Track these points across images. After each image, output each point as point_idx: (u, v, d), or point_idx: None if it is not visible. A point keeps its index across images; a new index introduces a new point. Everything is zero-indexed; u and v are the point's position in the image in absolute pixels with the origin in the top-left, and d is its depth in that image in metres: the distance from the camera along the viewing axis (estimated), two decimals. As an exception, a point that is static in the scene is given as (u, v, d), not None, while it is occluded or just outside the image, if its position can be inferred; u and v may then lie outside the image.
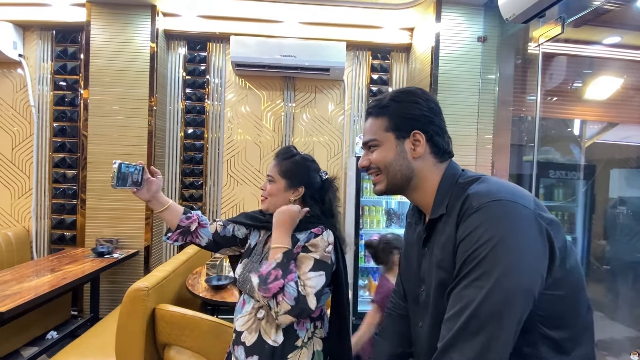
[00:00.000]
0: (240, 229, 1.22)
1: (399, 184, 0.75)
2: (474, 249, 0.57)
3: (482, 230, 0.58)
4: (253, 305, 1.04)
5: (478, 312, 0.55)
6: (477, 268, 0.57)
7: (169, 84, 3.17)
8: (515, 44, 2.76)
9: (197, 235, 1.16)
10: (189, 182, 3.23)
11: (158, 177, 1.12)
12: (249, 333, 1.02)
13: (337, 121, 3.30)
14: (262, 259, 1.10)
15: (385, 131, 0.75)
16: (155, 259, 3.04)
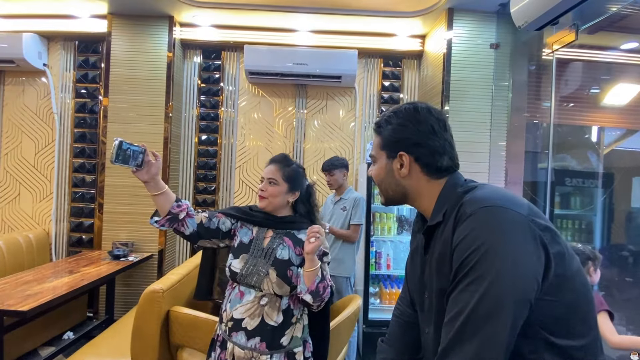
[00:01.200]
0: (225, 222, 1.27)
1: (393, 198, 0.81)
2: (468, 254, 0.60)
3: (474, 235, 0.60)
4: (255, 294, 1.18)
5: (472, 316, 0.57)
6: (471, 272, 0.59)
7: (184, 91, 3.28)
8: (529, 51, 2.76)
9: (183, 224, 1.20)
10: (202, 187, 3.31)
11: (158, 161, 1.15)
12: (251, 319, 1.16)
13: (348, 128, 3.35)
14: (267, 256, 1.21)
15: (380, 149, 0.80)
16: (168, 262, 3.12)
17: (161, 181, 1.17)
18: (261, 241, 1.24)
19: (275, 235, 1.26)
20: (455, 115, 2.71)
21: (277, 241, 1.24)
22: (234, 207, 1.34)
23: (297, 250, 1.24)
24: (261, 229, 1.28)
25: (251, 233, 1.27)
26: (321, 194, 3.30)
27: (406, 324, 0.95)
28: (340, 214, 2.43)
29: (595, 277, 1.61)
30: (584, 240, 2.91)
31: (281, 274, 1.17)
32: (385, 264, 2.76)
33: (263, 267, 1.19)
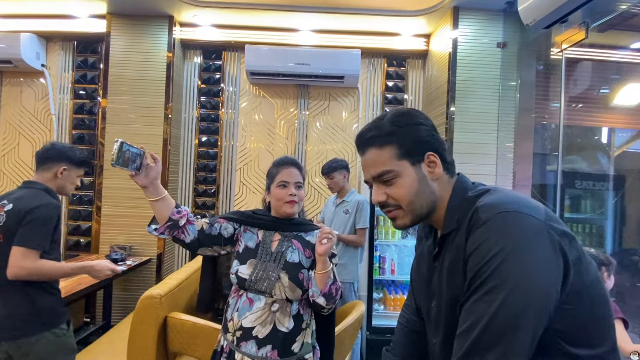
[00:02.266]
0: (227, 227, 1.23)
1: (425, 213, 0.72)
2: (484, 262, 0.57)
3: (491, 243, 0.58)
4: (265, 301, 1.14)
5: (490, 327, 0.55)
6: (487, 281, 0.56)
7: (184, 92, 3.28)
8: (537, 50, 2.74)
9: (184, 231, 1.15)
10: (202, 190, 3.30)
11: (157, 164, 1.11)
12: (262, 326, 1.13)
13: (351, 129, 3.33)
14: (276, 259, 1.19)
15: (399, 159, 0.70)
16: (167, 266, 3.11)
17: (160, 186, 1.13)
18: (269, 245, 1.22)
19: (283, 239, 1.24)
20: (461, 115, 2.69)
21: (286, 244, 1.22)
22: (236, 212, 1.31)
23: (307, 253, 1.22)
24: (267, 232, 1.25)
25: (257, 237, 1.24)
26: (322, 196, 3.28)
27: (412, 333, 0.93)
28: (342, 217, 2.41)
29: (609, 283, 1.58)
30: (595, 245, 2.86)
31: (293, 278, 1.15)
32: (390, 269, 2.73)
33: (274, 271, 1.16)
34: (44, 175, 1.55)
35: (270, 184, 1.28)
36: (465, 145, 2.67)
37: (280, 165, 1.27)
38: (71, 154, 1.58)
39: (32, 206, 1.42)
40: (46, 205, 1.45)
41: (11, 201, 1.46)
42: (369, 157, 0.73)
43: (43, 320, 1.43)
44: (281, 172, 1.25)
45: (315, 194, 3.32)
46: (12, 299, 1.41)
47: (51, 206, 1.46)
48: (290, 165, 1.26)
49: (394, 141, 0.71)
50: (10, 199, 1.47)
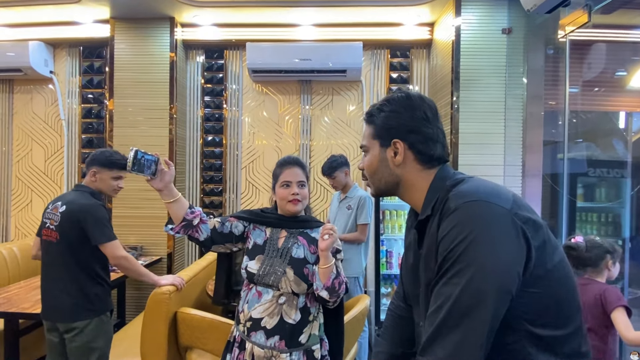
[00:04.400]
0: (237, 226, 1.35)
1: (384, 189, 0.85)
2: (451, 247, 0.64)
3: (457, 229, 0.64)
4: (273, 294, 1.25)
5: (455, 307, 0.61)
6: (454, 265, 0.63)
7: (188, 92, 3.41)
8: (545, 34, 2.72)
9: (197, 230, 1.28)
10: (209, 189, 3.43)
11: (171, 169, 1.25)
12: (270, 317, 1.23)
13: (356, 123, 3.39)
14: (282, 255, 1.30)
15: (372, 138, 0.83)
16: (177, 265, 3.26)
17: (175, 189, 1.27)
18: (276, 241, 1.33)
19: (289, 235, 1.34)
20: (466, 105, 2.71)
21: (292, 240, 1.33)
22: (245, 210, 1.44)
23: (312, 249, 1.32)
24: (275, 229, 1.36)
25: (264, 234, 1.36)
26: (329, 192, 3.36)
27: (400, 318, 1.02)
28: (345, 212, 2.48)
29: (614, 270, 1.60)
30: (611, 234, 2.85)
31: (298, 272, 1.25)
32: (397, 263, 2.79)
33: (280, 266, 1.27)
34: (87, 178, 1.82)
35: (275, 184, 1.39)
36: (472, 135, 2.69)
37: (283, 166, 1.38)
38: (100, 157, 1.80)
39: (84, 208, 1.70)
40: (94, 205, 1.73)
41: (64, 203, 1.73)
42: (364, 130, 0.87)
43: (94, 307, 1.71)
44: (284, 172, 1.35)
45: (321, 190, 3.40)
46: (69, 288, 1.68)
47: (97, 204, 1.75)
48: (292, 165, 1.36)
49: (373, 122, 0.83)
50: (63, 201, 1.74)
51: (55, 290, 1.70)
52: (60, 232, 1.68)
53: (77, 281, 1.69)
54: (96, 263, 1.74)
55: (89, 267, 1.72)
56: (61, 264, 1.69)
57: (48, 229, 1.72)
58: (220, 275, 2.11)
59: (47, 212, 1.75)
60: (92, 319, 1.70)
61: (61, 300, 1.68)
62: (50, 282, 1.72)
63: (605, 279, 1.59)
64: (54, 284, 1.70)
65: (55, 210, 1.72)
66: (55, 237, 1.69)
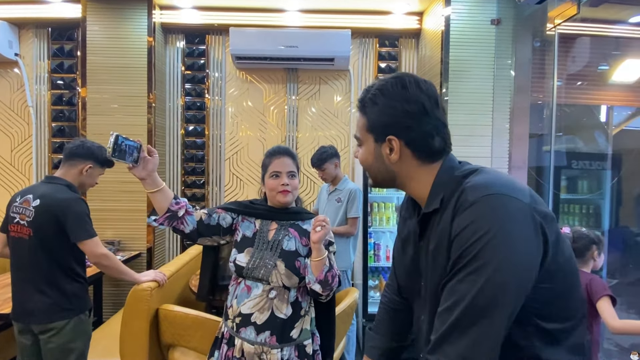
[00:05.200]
0: (225, 217, 1.32)
1: (382, 182, 0.82)
2: (470, 243, 0.61)
3: (477, 224, 0.61)
4: (263, 288, 1.22)
5: (471, 306, 0.59)
6: (472, 262, 0.60)
7: (167, 79, 3.27)
8: (533, 26, 2.76)
9: (183, 222, 1.23)
10: (190, 182, 3.33)
11: (154, 157, 1.18)
12: (260, 313, 1.21)
13: (344, 114, 3.35)
14: (273, 248, 1.27)
15: (365, 131, 0.77)
16: (157, 260, 3.16)
17: (158, 178, 1.21)
18: (266, 234, 1.30)
19: (280, 227, 1.32)
20: (455, 96, 2.72)
21: (283, 233, 1.30)
22: (234, 202, 1.40)
23: (304, 241, 1.30)
24: (264, 221, 1.33)
25: (254, 226, 1.33)
26: (316, 185, 3.33)
27: (394, 312, 1.00)
28: (334, 205, 2.46)
29: (599, 261, 1.65)
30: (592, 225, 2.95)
31: (289, 265, 1.23)
32: (385, 255, 2.80)
33: (270, 259, 1.24)
34: (70, 171, 1.69)
35: (264, 174, 1.35)
36: (460, 127, 2.71)
37: (273, 156, 1.34)
38: (98, 153, 1.73)
39: (64, 203, 1.60)
40: (74, 199, 1.63)
41: (38, 197, 1.61)
42: (358, 119, 0.80)
43: (72, 306, 1.63)
44: (273, 162, 1.32)
45: (308, 183, 3.36)
46: (44, 287, 1.59)
47: (77, 198, 1.65)
48: (282, 155, 1.33)
49: (365, 113, 0.77)
50: (36, 194, 1.62)
51: (28, 290, 1.60)
52: (34, 228, 1.58)
53: (53, 279, 1.60)
54: (72, 259, 1.65)
55: (65, 264, 1.63)
56: (35, 262, 1.59)
57: (17, 225, 1.61)
58: (205, 270, 2.06)
59: (15, 206, 1.63)
60: (71, 318, 1.61)
61: (36, 301, 1.58)
62: (23, 281, 1.62)
63: (590, 269, 1.63)
64: (27, 283, 1.60)
65: (26, 204, 1.61)
66: (28, 233, 1.59)
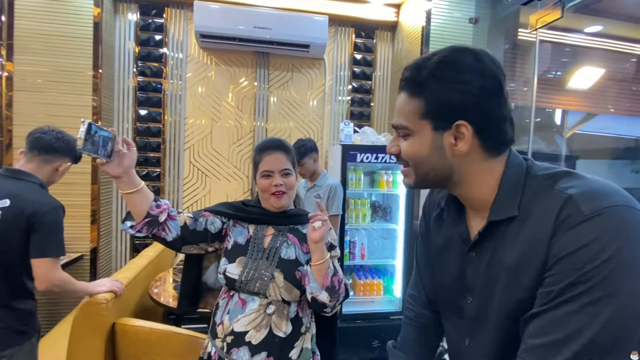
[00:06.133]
0: (214, 222, 1.16)
1: (430, 181, 0.68)
2: (591, 267, 0.50)
3: (601, 244, 0.50)
4: (260, 302, 1.08)
5: (591, 345, 0.49)
6: (591, 291, 0.50)
7: (117, 55, 2.88)
8: (506, 29, 2.85)
9: (165, 228, 1.07)
10: (143, 172, 2.99)
11: (132, 151, 1.01)
12: (256, 331, 1.05)
13: (317, 105, 3.23)
14: (270, 257, 1.12)
15: (420, 118, 0.63)
16: (104, 263, 2.80)
17: (136, 176, 1.02)
18: (261, 240, 1.15)
19: (277, 233, 1.17)
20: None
21: (281, 239, 1.15)
22: (224, 204, 1.22)
23: (305, 248, 1.16)
24: (259, 226, 1.18)
25: (247, 232, 1.17)
26: (287, 179, 3.18)
27: (423, 327, 0.91)
28: (313, 202, 2.34)
29: None
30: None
31: (289, 277, 1.09)
32: (360, 253, 2.76)
33: (267, 270, 1.09)
34: (43, 167, 1.42)
35: (255, 173, 1.19)
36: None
37: (263, 151, 1.17)
38: (74, 150, 1.48)
39: (42, 209, 1.31)
40: (54, 206, 1.36)
41: (6, 196, 1.29)
42: (399, 100, 0.66)
43: (25, 329, 1.36)
44: (264, 159, 1.16)
45: (277, 176, 3.20)
46: None
47: (59, 206, 1.39)
48: (274, 150, 1.17)
49: (423, 94, 0.62)
50: (3, 193, 1.30)
51: None
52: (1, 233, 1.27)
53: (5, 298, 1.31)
54: (24, 273, 1.35)
55: (17, 279, 1.33)
56: None
57: None
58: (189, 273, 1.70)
59: None
60: (23, 343, 1.34)
61: None
62: None
63: None
64: None
65: None
66: None
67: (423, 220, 0.88)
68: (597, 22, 3.12)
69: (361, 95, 3.29)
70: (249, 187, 3.16)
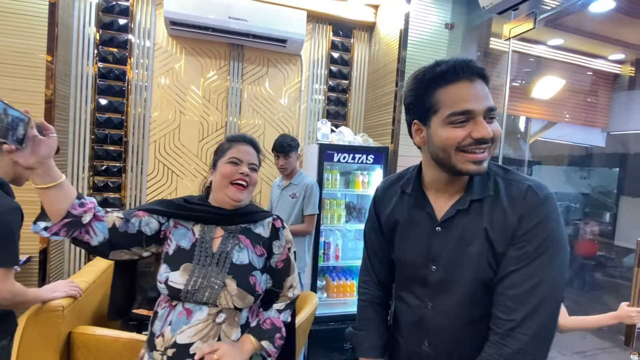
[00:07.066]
0: (149, 222, 1.05)
1: None
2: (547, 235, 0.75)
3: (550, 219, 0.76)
4: (208, 312, 1.00)
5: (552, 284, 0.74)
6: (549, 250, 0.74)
7: (75, 37, 2.66)
8: (478, 37, 2.97)
9: (89, 231, 0.93)
10: (102, 167, 2.79)
11: (51, 137, 0.85)
12: (203, 342, 0.98)
13: (293, 102, 3.18)
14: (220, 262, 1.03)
15: None
16: (55, 266, 2.58)
17: (55, 168, 0.87)
18: (209, 244, 1.05)
19: (227, 235, 1.08)
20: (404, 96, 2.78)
21: (232, 242, 1.07)
22: (162, 201, 1.10)
23: (258, 250, 1.09)
24: (207, 227, 1.08)
25: (192, 234, 1.07)
26: (263, 181, 3.10)
27: (381, 307, 1.07)
28: (288, 201, 2.30)
29: None
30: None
31: (242, 284, 1.01)
32: (334, 254, 2.75)
33: (217, 277, 1.00)
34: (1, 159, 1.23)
35: (218, 159, 1.11)
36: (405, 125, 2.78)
37: (235, 141, 1.13)
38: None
39: None
40: (12, 210, 1.20)
41: None
42: (480, 88, 0.78)
43: None
44: (235, 147, 1.10)
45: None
46: None
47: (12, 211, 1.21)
48: (246, 143, 1.13)
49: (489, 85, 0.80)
50: None
51: None
52: None
53: None
54: None
55: None
56: None
57: None
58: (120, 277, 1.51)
59: None
60: None
61: None
62: None
63: None
64: None
65: None
66: None
67: (374, 214, 1.03)
68: (561, 36, 3.34)
69: (337, 95, 3.29)
70: (219, 185, 3.05)
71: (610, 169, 3.76)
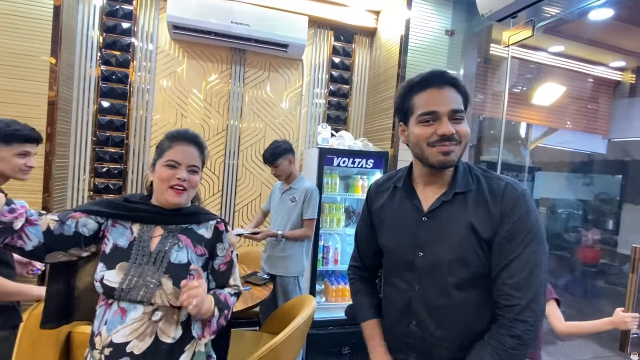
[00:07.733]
0: (87, 223, 1.04)
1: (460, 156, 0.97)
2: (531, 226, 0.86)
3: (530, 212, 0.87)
4: (143, 310, 1.00)
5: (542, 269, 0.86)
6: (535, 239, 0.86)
7: (79, 40, 2.71)
8: (479, 43, 3.01)
9: (22, 236, 0.92)
10: (103, 169, 2.83)
11: None
12: (140, 340, 0.98)
13: (293, 106, 3.22)
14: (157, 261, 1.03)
15: (464, 107, 0.91)
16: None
17: None
18: (147, 243, 1.05)
19: (167, 234, 1.07)
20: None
21: (171, 241, 1.06)
22: (101, 201, 1.10)
23: (199, 250, 1.08)
24: (146, 226, 1.08)
25: (130, 233, 1.06)
26: (258, 180, 3.13)
27: (368, 281, 1.17)
28: (288, 205, 2.33)
29: None
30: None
31: (178, 283, 0.99)
32: (333, 258, 2.77)
33: (152, 276, 1.00)
34: None
35: (157, 159, 1.08)
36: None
37: (175, 139, 1.08)
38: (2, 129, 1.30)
39: None
40: None
41: None
42: (448, 92, 0.89)
43: None
44: (174, 147, 1.07)
45: (250, 178, 3.15)
46: None
47: None
48: (187, 142, 1.08)
49: (461, 91, 0.91)
50: None
51: None
52: None
53: None
54: None
55: None
56: None
57: None
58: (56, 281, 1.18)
59: None
60: None
61: None
62: None
63: None
64: None
65: None
66: None
67: (366, 209, 1.14)
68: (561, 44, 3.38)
69: (338, 99, 3.33)
70: (219, 189, 3.08)
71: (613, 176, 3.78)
